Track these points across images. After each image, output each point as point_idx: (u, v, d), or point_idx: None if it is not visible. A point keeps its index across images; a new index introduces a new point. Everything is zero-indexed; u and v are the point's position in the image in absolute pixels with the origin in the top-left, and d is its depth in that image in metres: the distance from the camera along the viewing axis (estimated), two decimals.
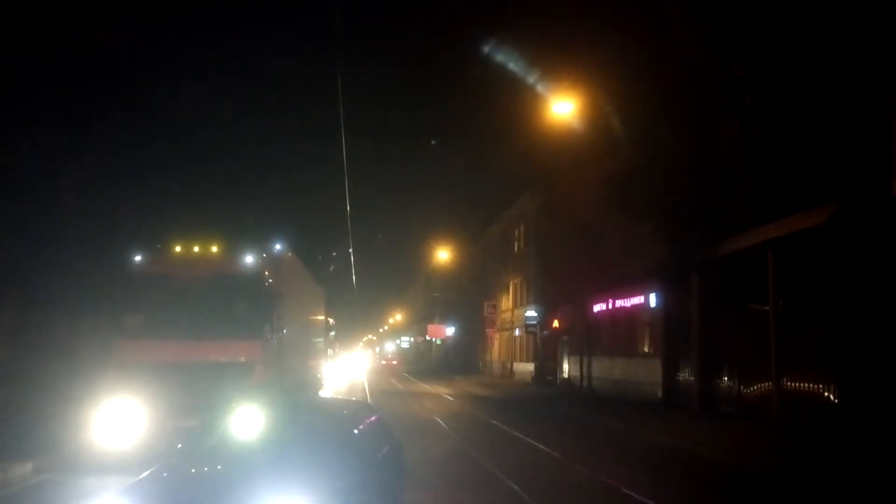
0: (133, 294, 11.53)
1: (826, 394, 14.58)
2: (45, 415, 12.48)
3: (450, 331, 57.27)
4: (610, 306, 26.86)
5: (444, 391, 30.72)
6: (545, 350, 34.87)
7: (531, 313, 35.86)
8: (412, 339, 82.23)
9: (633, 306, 24.77)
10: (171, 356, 11.01)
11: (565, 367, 32.05)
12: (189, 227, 12.57)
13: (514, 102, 27.08)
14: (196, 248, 11.80)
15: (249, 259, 11.70)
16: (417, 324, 77.58)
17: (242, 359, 11.31)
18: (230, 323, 11.30)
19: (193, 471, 6.26)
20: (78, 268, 17.03)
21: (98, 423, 10.72)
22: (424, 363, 64.91)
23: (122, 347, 11.27)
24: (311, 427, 7.02)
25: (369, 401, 23.21)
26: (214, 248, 11.82)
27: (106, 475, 9.55)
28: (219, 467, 6.28)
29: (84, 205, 17.70)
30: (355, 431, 7.15)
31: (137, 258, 11.63)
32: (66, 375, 14.88)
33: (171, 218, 17.64)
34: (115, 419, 10.64)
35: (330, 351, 28.34)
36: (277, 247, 12.69)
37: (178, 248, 11.78)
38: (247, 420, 6.97)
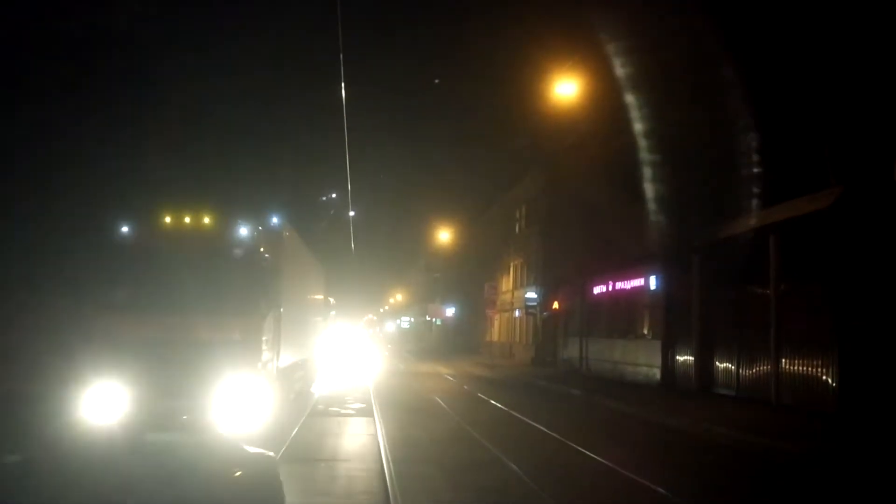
0: (119, 267, 10.79)
1: (825, 377, 14.61)
2: (26, 394, 11.96)
3: (450, 311, 57.40)
4: (610, 288, 26.88)
5: (444, 371, 30.84)
6: (545, 331, 34.94)
7: (531, 294, 35.89)
8: (412, 320, 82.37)
9: (634, 288, 24.78)
10: (160, 333, 10.30)
11: (565, 348, 32.14)
12: (180, 197, 11.67)
13: (518, 82, 26.92)
14: (187, 219, 11.04)
15: (244, 231, 11.00)
16: (418, 304, 77.69)
17: (237, 336, 10.57)
18: (223, 298, 10.61)
19: None
20: (60, 239, 16.17)
21: (82, 403, 10.06)
22: (424, 343, 65.11)
23: (108, 324, 10.51)
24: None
25: (370, 384, 23.26)
26: (206, 219, 11.07)
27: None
28: None
29: (67, 172, 16.87)
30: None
31: (124, 229, 10.92)
32: (47, 353, 14.21)
33: (160, 187, 16.09)
34: (100, 399, 10.01)
35: (329, 329, 28.31)
36: (274, 219, 11.95)
37: (167, 219, 11.01)
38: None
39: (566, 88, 17.72)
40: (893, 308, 13.75)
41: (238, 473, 4.69)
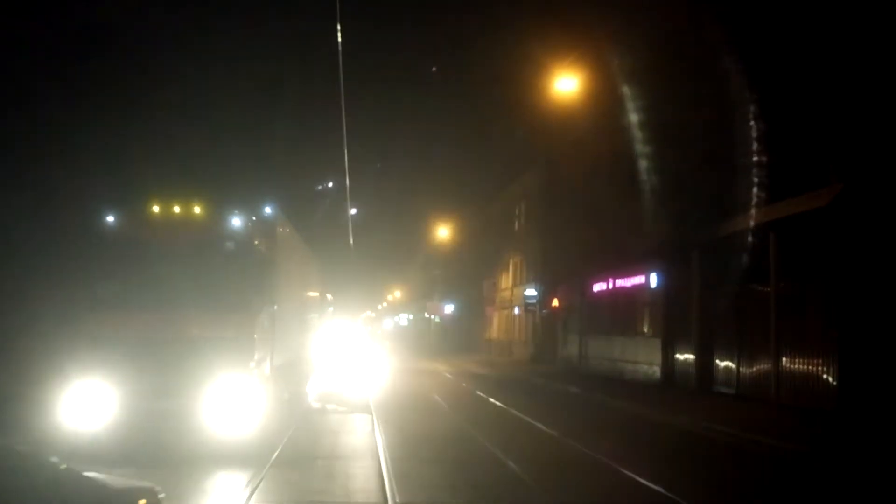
0: (106, 260, 10.34)
1: (825, 376, 14.55)
2: (9, 395, 11.58)
3: (449, 309, 57.36)
4: (610, 286, 26.81)
5: (442, 369, 30.78)
6: (544, 329, 34.87)
7: (531, 292, 35.83)
8: (411, 317, 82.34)
9: (634, 286, 24.72)
10: (149, 330, 9.88)
11: (564, 346, 32.08)
12: (169, 186, 11.15)
13: (518, 78, 26.82)
14: (177, 209, 10.56)
15: (237, 222, 10.56)
16: (417, 301, 77.66)
17: (229, 333, 10.09)
18: (215, 293, 10.16)
19: None
20: (45, 231, 15.63)
21: (68, 404, 9.62)
22: (423, 341, 65.07)
23: (94, 320, 10.08)
24: None
25: (368, 382, 23.17)
26: (197, 209, 10.60)
27: (76, 461, 9.28)
28: None
29: (53, 162, 16.06)
30: None
31: (110, 219, 10.46)
32: (32, 351, 13.84)
33: (148, 175, 15.13)
34: (87, 400, 9.58)
35: (326, 327, 28.20)
36: (268, 210, 11.35)
37: (156, 209, 10.53)
38: None
39: (566, 84, 17.64)
40: (893, 306, 13.69)
41: None
